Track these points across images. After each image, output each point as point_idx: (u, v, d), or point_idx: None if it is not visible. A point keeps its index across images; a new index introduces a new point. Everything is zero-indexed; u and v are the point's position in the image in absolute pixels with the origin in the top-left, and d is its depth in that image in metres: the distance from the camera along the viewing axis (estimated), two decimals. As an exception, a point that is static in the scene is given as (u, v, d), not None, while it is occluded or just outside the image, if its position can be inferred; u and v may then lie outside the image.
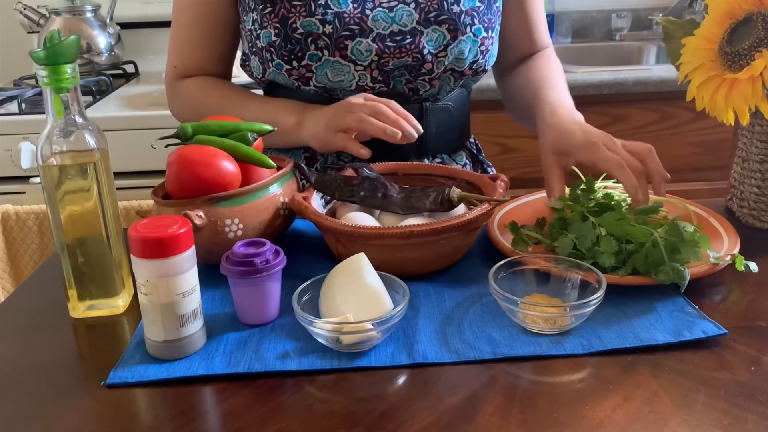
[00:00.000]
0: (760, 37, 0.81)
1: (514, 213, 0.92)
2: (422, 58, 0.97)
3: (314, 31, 0.95)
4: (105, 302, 0.77)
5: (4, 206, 1.59)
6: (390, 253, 0.77)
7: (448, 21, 0.97)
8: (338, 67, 0.97)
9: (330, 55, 0.96)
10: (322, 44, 0.96)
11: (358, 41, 0.95)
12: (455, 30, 0.97)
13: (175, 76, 1.10)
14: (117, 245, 0.77)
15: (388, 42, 0.96)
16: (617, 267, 0.75)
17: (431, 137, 1.05)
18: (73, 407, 0.62)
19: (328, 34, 0.95)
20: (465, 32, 0.98)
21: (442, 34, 0.97)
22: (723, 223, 0.86)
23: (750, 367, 0.64)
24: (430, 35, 0.97)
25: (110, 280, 0.76)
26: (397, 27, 0.96)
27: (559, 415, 0.58)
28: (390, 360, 0.66)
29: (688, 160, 1.97)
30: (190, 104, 1.09)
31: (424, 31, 0.97)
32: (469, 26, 0.98)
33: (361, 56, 0.96)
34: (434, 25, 0.97)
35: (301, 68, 0.98)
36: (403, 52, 0.97)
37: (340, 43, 0.95)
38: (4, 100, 1.77)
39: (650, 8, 2.42)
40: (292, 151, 1.06)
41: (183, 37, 1.08)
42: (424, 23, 0.97)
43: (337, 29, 0.95)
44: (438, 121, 1.05)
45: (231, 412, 0.60)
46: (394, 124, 0.88)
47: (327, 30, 0.95)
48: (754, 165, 0.92)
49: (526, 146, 1.91)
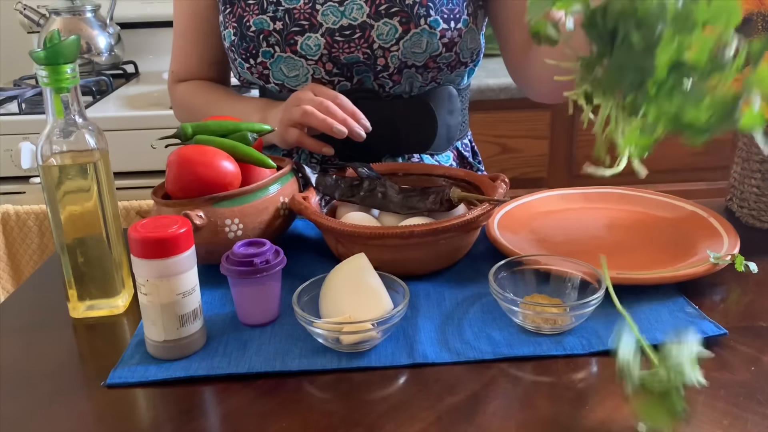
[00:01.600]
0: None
1: (514, 213, 0.92)
2: (372, 53, 0.97)
3: (265, 28, 0.97)
4: (105, 302, 0.77)
5: (4, 206, 1.59)
6: (390, 253, 0.77)
7: (400, 13, 0.95)
8: (291, 62, 0.98)
9: (281, 52, 0.97)
10: (273, 41, 0.97)
11: (307, 36, 0.96)
12: (407, 22, 0.95)
13: (173, 80, 1.17)
14: (117, 245, 0.77)
15: (337, 36, 0.96)
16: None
17: (403, 135, 1.03)
18: (73, 407, 0.62)
19: (279, 31, 0.97)
20: (419, 24, 0.95)
21: (393, 27, 0.95)
22: (723, 223, 0.86)
23: (750, 367, 0.64)
24: (381, 29, 0.96)
25: (110, 280, 0.76)
26: (347, 21, 0.96)
27: (559, 415, 0.58)
28: (390, 360, 0.66)
29: (688, 160, 1.97)
30: (183, 107, 1.15)
31: (374, 24, 0.96)
32: (423, 18, 0.95)
33: (310, 51, 0.97)
34: (385, 18, 0.95)
35: (258, 66, 1.00)
36: (352, 47, 0.96)
37: (290, 39, 0.97)
38: (4, 100, 1.77)
39: (650, 8, 2.41)
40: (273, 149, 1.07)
41: (178, 44, 1.15)
42: (374, 16, 0.95)
43: (287, 25, 0.96)
44: (411, 120, 1.02)
45: (231, 412, 0.60)
46: (342, 122, 0.88)
47: (277, 27, 0.96)
48: (754, 165, 0.92)
49: (526, 146, 1.91)
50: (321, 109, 0.89)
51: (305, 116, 0.89)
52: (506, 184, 0.86)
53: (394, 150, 1.04)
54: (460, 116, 1.10)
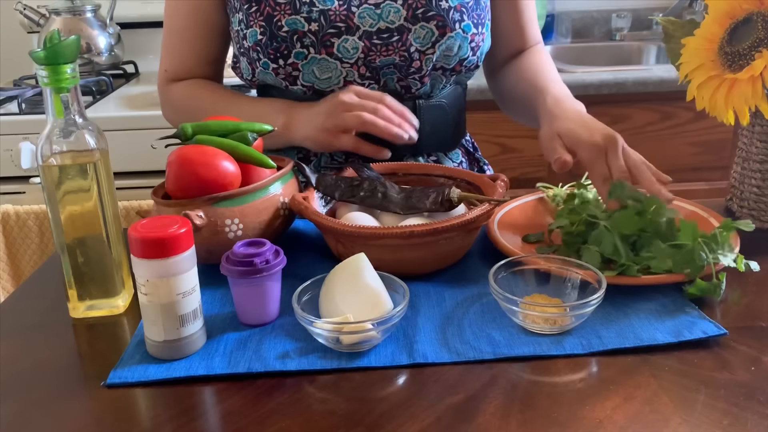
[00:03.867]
0: (760, 37, 0.80)
1: (514, 213, 0.92)
2: (409, 56, 0.97)
3: (299, 29, 0.95)
4: (105, 302, 0.77)
5: (4, 206, 1.59)
6: (390, 253, 0.77)
7: (437, 17, 0.96)
8: (325, 64, 0.97)
9: (316, 53, 0.96)
10: (308, 42, 0.95)
11: (344, 39, 0.95)
12: (444, 26, 0.96)
13: (166, 80, 1.11)
14: (117, 245, 0.77)
15: (375, 39, 0.96)
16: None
17: (426, 135, 1.04)
18: (73, 407, 0.62)
19: (314, 32, 0.95)
20: (454, 29, 0.97)
21: (430, 30, 0.96)
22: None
23: (750, 367, 0.64)
24: (418, 32, 0.96)
25: (110, 280, 0.76)
26: (384, 24, 0.95)
27: (559, 415, 0.58)
28: (390, 360, 0.66)
29: (688, 160, 1.97)
30: (181, 107, 1.10)
31: (411, 28, 0.96)
32: (458, 22, 0.97)
33: (348, 54, 0.96)
34: (422, 22, 0.96)
35: (288, 66, 0.97)
36: (390, 50, 0.96)
37: (326, 40, 0.95)
38: (4, 100, 1.77)
39: (650, 8, 2.42)
40: (284, 151, 1.06)
41: (173, 43, 1.09)
42: (411, 20, 0.96)
43: (323, 27, 0.95)
44: (432, 119, 1.04)
45: (231, 412, 0.60)
46: (399, 126, 0.88)
47: (313, 28, 0.95)
48: (754, 165, 0.92)
49: (526, 146, 1.91)
50: (378, 116, 0.89)
51: (365, 125, 0.89)
52: (506, 184, 0.86)
53: (416, 151, 1.05)
54: (464, 114, 1.13)
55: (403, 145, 0.98)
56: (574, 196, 0.88)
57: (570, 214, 0.83)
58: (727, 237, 0.76)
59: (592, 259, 0.75)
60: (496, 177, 0.87)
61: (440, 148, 1.09)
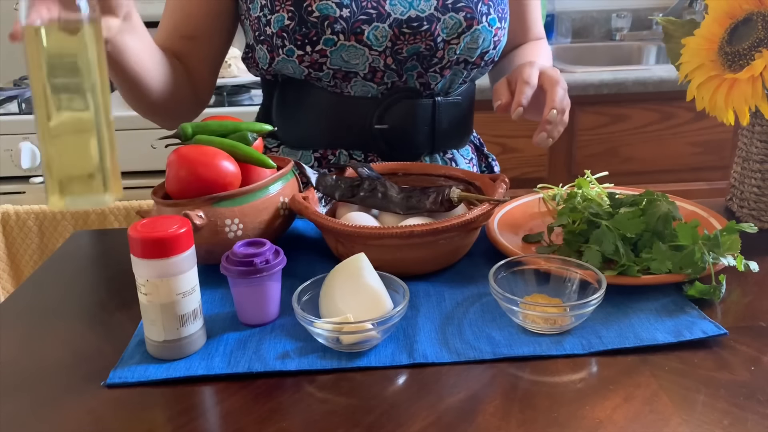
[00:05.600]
0: (760, 37, 0.81)
1: (514, 213, 0.93)
2: (435, 45, 0.97)
3: (331, 14, 0.93)
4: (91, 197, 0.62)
5: (4, 206, 1.59)
6: (390, 253, 0.77)
7: (466, 9, 0.96)
8: (353, 51, 0.96)
9: (345, 40, 0.94)
10: (339, 28, 0.94)
11: (374, 26, 0.95)
12: (471, 18, 0.97)
13: None
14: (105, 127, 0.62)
15: (405, 28, 0.95)
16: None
17: (442, 133, 1.04)
18: (73, 407, 0.62)
19: (345, 18, 0.94)
20: (481, 21, 0.97)
21: (458, 21, 0.96)
22: (723, 223, 0.86)
23: (750, 367, 0.64)
24: (447, 22, 0.96)
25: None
26: (415, 12, 0.95)
27: (559, 415, 0.58)
28: (390, 360, 0.66)
29: (688, 160, 1.97)
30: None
31: (441, 17, 0.96)
32: (485, 15, 0.98)
33: (377, 41, 0.95)
34: (452, 12, 0.96)
35: (315, 53, 0.95)
36: (417, 39, 0.96)
37: (356, 27, 0.94)
38: (4, 100, 1.77)
39: (650, 8, 2.42)
40: (302, 152, 1.06)
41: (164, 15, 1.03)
42: (441, 9, 0.96)
43: (354, 13, 0.94)
44: (449, 117, 1.05)
45: (231, 412, 0.60)
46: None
47: (344, 13, 0.93)
48: (754, 165, 0.92)
49: (527, 146, 1.91)
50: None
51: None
52: (506, 184, 0.86)
53: (433, 148, 1.06)
54: (473, 111, 1.14)
55: (421, 143, 0.98)
56: (575, 194, 0.88)
57: (572, 212, 0.83)
58: (729, 239, 0.76)
59: (593, 258, 0.75)
60: (497, 177, 0.87)
61: (454, 145, 1.10)
